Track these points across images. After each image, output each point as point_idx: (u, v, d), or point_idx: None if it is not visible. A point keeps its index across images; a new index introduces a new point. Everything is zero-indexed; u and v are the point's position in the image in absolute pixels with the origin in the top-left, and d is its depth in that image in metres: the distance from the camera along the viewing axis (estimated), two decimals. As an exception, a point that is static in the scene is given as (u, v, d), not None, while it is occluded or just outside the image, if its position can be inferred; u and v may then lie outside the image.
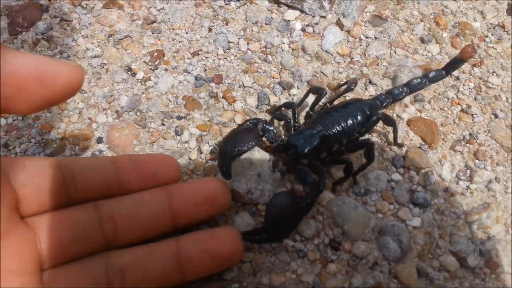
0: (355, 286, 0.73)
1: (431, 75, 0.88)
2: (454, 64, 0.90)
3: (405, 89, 0.87)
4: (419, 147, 0.88)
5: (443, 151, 0.88)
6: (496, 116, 0.92)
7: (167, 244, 0.70)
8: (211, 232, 0.73)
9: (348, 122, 0.80)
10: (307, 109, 0.89)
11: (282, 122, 0.88)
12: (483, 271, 0.75)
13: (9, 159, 0.64)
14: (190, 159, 0.88)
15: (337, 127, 0.79)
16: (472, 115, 0.92)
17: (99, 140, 0.90)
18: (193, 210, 0.72)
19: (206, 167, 0.86)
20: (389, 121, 0.83)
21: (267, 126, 0.78)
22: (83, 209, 0.67)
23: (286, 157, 0.78)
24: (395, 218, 0.80)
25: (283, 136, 0.86)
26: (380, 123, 0.86)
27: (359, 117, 0.80)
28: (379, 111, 0.85)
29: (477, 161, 0.86)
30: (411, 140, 0.89)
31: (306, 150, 0.75)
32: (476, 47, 0.89)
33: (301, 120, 0.88)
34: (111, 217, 0.67)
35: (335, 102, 0.88)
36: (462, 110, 0.93)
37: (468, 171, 0.85)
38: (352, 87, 0.88)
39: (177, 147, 0.89)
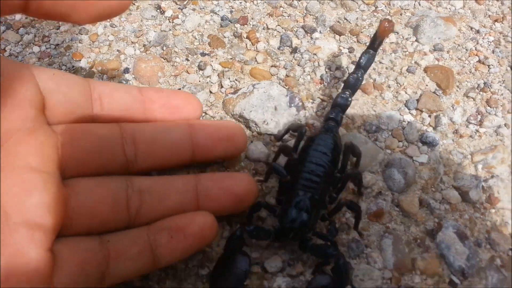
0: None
1: (363, 62, 0.79)
2: (376, 40, 0.78)
3: (347, 92, 0.78)
4: (434, 92, 0.90)
5: (457, 97, 0.90)
6: (512, 68, 0.94)
7: (187, 177, 0.72)
8: (229, 174, 0.77)
9: (325, 165, 0.70)
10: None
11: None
12: (483, 205, 0.78)
13: (39, 67, 0.67)
14: (211, 92, 0.91)
15: (318, 180, 0.69)
16: (488, 65, 0.94)
17: (126, 71, 0.95)
18: (212, 146, 0.74)
19: (225, 100, 0.89)
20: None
21: (249, 230, 0.67)
22: (106, 126, 0.68)
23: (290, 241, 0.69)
24: (403, 154, 0.82)
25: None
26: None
27: (329, 154, 0.71)
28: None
29: (488, 107, 0.88)
30: (427, 85, 0.91)
31: (306, 226, 0.66)
32: (392, 20, 0.80)
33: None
34: (133, 138, 0.69)
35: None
36: (479, 61, 0.95)
37: (479, 116, 0.87)
38: (304, 131, 0.77)
39: (199, 81, 0.93)
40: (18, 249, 0.53)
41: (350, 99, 0.78)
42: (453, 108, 0.88)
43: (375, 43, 0.78)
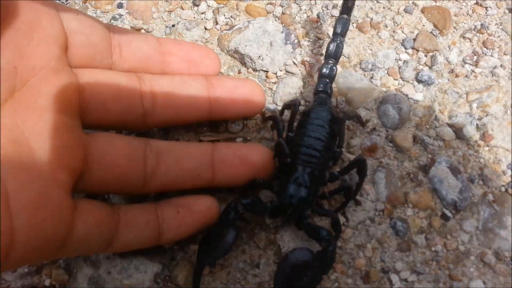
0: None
1: (339, 29, 0.76)
2: (348, 3, 0.77)
3: (331, 62, 0.76)
4: (430, 32, 0.89)
5: (453, 38, 0.89)
6: (510, 10, 0.93)
7: (204, 144, 0.71)
8: (246, 144, 0.77)
9: (323, 139, 0.68)
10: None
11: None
12: (477, 143, 0.78)
13: (62, 5, 0.63)
14: (206, 28, 0.90)
15: (317, 154, 0.67)
16: (486, 8, 0.93)
17: (120, 5, 0.93)
18: (230, 103, 0.72)
19: (220, 36, 0.88)
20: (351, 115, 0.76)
21: (245, 203, 0.65)
22: (126, 75, 0.66)
23: (287, 218, 0.68)
24: (398, 92, 0.82)
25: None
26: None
27: (327, 126, 0.69)
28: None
29: (485, 48, 0.87)
30: (424, 25, 0.90)
31: (305, 202, 0.65)
32: None
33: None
34: (152, 90, 0.67)
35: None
36: (477, 3, 0.94)
37: (475, 57, 0.86)
38: (297, 105, 0.74)
39: (194, 17, 0.92)
40: (43, 188, 0.52)
41: (335, 67, 0.76)
42: (449, 48, 0.87)
43: (347, 4, 0.77)
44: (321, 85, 0.75)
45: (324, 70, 0.75)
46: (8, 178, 0.49)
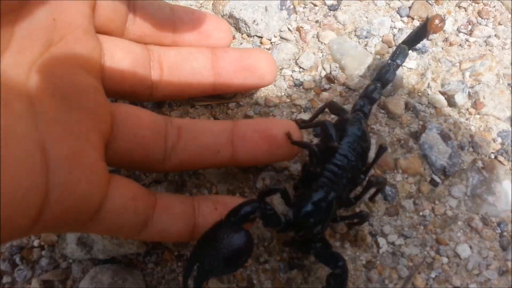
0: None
1: (398, 59, 0.74)
2: (418, 37, 0.75)
3: (378, 84, 0.72)
4: (426, 1, 0.89)
5: (449, 7, 0.89)
6: (506, -19, 0.93)
7: (224, 122, 0.70)
8: (269, 119, 0.76)
9: (352, 160, 0.64)
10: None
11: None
12: (468, 111, 0.78)
13: None
14: (203, -7, 0.90)
15: (343, 175, 0.63)
16: (482, -23, 0.93)
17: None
18: (233, 75, 0.71)
19: (215, 1, 0.88)
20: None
21: (263, 208, 0.57)
22: (138, 45, 0.66)
23: (297, 237, 0.62)
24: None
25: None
26: None
27: (359, 147, 0.65)
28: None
29: (480, 18, 0.87)
30: (420, -6, 0.90)
31: (321, 227, 0.60)
32: (444, 18, 0.76)
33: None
34: (159, 61, 0.67)
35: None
36: (473, -27, 0.94)
37: (470, 26, 0.86)
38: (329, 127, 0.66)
39: (192, -20, 0.91)
40: (78, 145, 0.51)
41: (380, 94, 0.72)
42: (444, 17, 0.87)
43: (415, 40, 0.74)
44: (360, 103, 0.71)
45: (368, 91, 0.72)
46: (45, 129, 0.49)
